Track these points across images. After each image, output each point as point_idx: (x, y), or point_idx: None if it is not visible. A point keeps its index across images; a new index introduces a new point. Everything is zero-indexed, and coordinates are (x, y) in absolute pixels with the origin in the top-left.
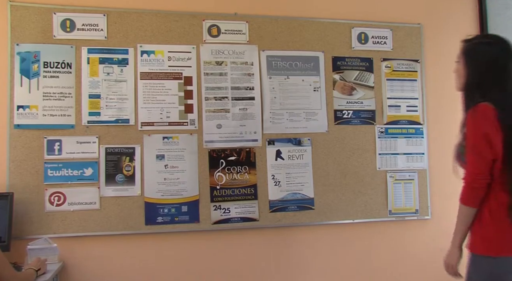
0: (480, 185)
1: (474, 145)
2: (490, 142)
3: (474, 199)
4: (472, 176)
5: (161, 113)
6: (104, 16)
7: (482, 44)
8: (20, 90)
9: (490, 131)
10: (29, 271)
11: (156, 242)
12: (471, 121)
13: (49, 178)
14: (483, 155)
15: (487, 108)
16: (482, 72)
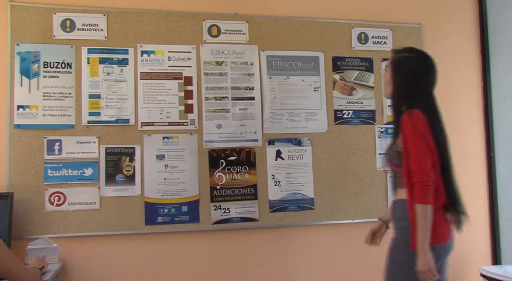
0: (431, 182)
1: (417, 146)
2: (428, 143)
3: (429, 197)
4: (423, 175)
5: (161, 113)
6: (104, 16)
7: (406, 58)
8: (20, 90)
9: (426, 134)
10: (35, 270)
11: (156, 242)
12: (409, 125)
13: (49, 178)
14: (427, 154)
15: (420, 114)
16: (406, 83)
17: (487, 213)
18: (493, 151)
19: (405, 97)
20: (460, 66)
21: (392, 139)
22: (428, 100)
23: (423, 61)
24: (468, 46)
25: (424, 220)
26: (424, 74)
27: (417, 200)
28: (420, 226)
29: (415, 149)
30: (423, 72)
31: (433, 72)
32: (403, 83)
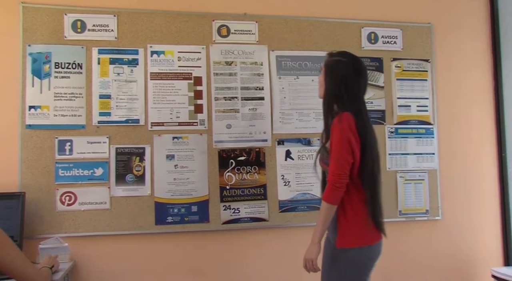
0: (341, 184)
1: (339, 150)
2: (352, 147)
3: (336, 198)
4: (336, 177)
5: (171, 113)
6: (114, 16)
7: (338, 62)
8: (31, 90)
9: (352, 137)
10: (45, 269)
11: (166, 242)
12: (338, 127)
13: (60, 178)
14: (346, 159)
15: (350, 116)
16: (338, 85)
17: (498, 214)
18: (505, 151)
19: (334, 99)
20: (471, 66)
21: (323, 139)
22: (357, 103)
23: (352, 65)
24: (479, 45)
25: (325, 217)
26: (353, 78)
27: (325, 198)
28: (320, 222)
29: (337, 152)
30: (351, 76)
31: (362, 76)
32: (333, 85)
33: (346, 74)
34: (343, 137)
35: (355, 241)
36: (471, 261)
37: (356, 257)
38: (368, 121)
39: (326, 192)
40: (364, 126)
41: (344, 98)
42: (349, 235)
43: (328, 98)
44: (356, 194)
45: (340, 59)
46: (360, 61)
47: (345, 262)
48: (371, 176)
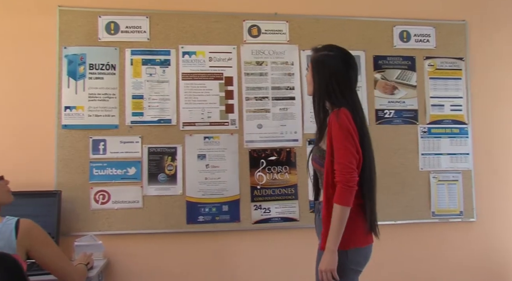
0: (353, 183)
1: (343, 145)
2: (355, 141)
3: (349, 198)
4: (346, 176)
5: (202, 113)
6: (146, 18)
7: (326, 56)
8: (67, 91)
9: (353, 132)
10: (81, 266)
11: (197, 241)
12: (336, 124)
13: (94, 177)
14: (353, 154)
15: (347, 111)
16: (327, 81)
17: None
18: None
19: (325, 95)
20: (507, 64)
21: (316, 139)
22: (350, 97)
23: (341, 58)
24: None
25: (339, 221)
26: (343, 71)
27: (337, 200)
28: (334, 227)
29: (341, 148)
30: (341, 69)
31: (352, 69)
32: (323, 81)
33: (336, 68)
34: (345, 132)
35: (341, 244)
36: (507, 263)
37: (339, 261)
38: (364, 117)
39: (337, 194)
40: (360, 122)
41: (336, 93)
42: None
43: (319, 95)
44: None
45: (327, 53)
46: (348, 53)
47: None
48: (368, 176)
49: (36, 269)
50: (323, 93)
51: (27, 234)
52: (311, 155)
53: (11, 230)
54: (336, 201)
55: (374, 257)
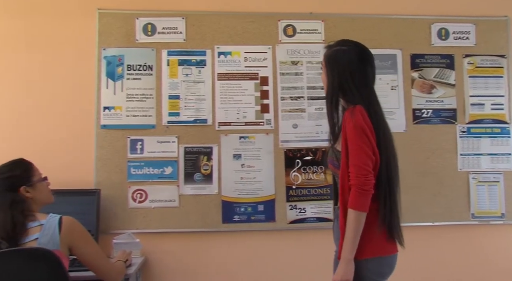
0: (369, 187)
1: (358, 146)
2: (370, 141)
3: (365, 203)
4: (361, 179)
5: (237, 113)
6: (183, 19)
7: (338, 51)
8: (106, 92)
9: (368, 131)
10: (120, 263)
11: (233, 240)
12: (351, 123)
13: (132, 176)
14: (369, 156)
15: (363, 109)
16: (341, 77)
17: None
18: None
19: (339, 92)
20: None
21: (331, 140)
22: (366, 94)
23: (355, 52)
24: None
25: (354, 227)
26: (358, 66)
27: (352, 204)
28: (349, 234)
29: (356, 149)
30: (356, 64)
31: (369, 64)
32: (336, 77)
33: (350, 63)
34: (359, 132)
35: (360, 252)
36: None
37: (359, 271)
38: (382, 115)
39: (352, 198)
40: (377, 119)
41: (352, 90)
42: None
43: (332, 93)
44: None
45: (340, 48)
46: (364, 47)
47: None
48: (385, 178)
49: (78, 265)
50: (336, 90)
51: (69, 230)
52: (328, 156)
53: (55, 226)
54: (350, 206)
55: (409, 259)
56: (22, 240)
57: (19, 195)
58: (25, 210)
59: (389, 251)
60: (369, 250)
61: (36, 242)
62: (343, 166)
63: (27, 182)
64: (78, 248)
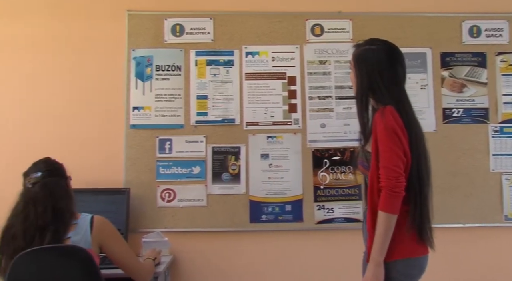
0: (400, 189)
1: (389, 147)
2: (401, 142)
3: (396, 205)
4: (392, 181)
5: (265, 113)
6: (210, 19)
7: (367, 51)
8: (135, 92)
9: (400, 132)
10: (149, 261)
11: (260, 240)
12: (381, 123)
13: (161, 175)
14: (400, 156)
15: (393, 110)
16: (370, 76)
17: None
18: None
19: (369, 92)
20: None
21: (361, 141)
22: (396, 93)
23: (384, 51)
24: None
25: (385, 229)
26: (387, 65)
27: (382, 207)
28: (379, 235)
29: (387, 151)
30: (385, 63)
31: (399, 63)
32: (365, 76)
33: (379, 62)
34: (391, 133)
35: (389, 254)
36: None
37: (388, 273)
38: (413, 114)
39: (382, 200)
40: (408, 119)
41: (381, 90)
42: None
43: (361, 93)
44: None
45: (368, 47)
46: (393, 46)
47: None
48: (416, 179)
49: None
50: (366, 90)
51: (100, 229)
52: (358, 157)
53: (87, 225)
54: (381, 208)
55: (439, 261)
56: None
57: (69, 184)
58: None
59: (418, 253)
60: (398, 252)
61: (70, 240)
62: (372, 167)
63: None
64: (108, 247)
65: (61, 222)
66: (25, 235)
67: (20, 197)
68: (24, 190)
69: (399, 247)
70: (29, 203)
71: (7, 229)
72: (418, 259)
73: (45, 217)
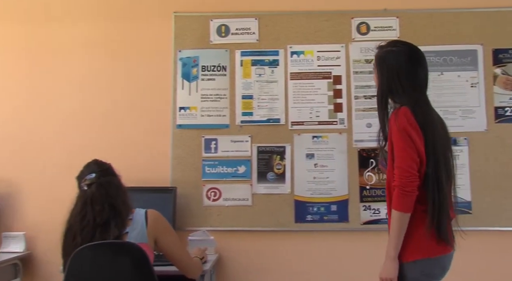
0: (412, 188)
1: (402, 148)
2: (415, 144)
3: (408, 204)
4: (403, 180)
5: (310, 112)
6: (256, 20)
7: (388, 52)
8: (181, 92)
9: (414, 133)
10: (197, 260)
11: (305, 240)
12: (395, 125)
13: (207, 174)
14: (412, 157)
15: (407, 110)
16: (389, 78)
17: None
18: None
19: (389, 94)
20: None
21: (381, 140)
22: (413, 95)
23: (405, 53)
24: None
25: (398, 227)
26: (407, 67)
27: (395, 205)
28: (393, 233)
29: (400, 151)
30: (405, 66)
31: (419, 65)
32: (385, 78)
33: (398, 64)
34: (403, 135)
35: (409, 254)
36: None
37: (408, 273)
38: (430, 114)
39: (395, 199)
40: (424, 119)
41: (399, 91)
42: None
43: (381, 94)
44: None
45: (390, 49)
46: (415, 48)
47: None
48: (433, 178)
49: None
50: (385, 91)
51: (154, 223)
52: (379, 157)
53: (143, 220)
54: (394, 207)
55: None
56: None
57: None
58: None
59: (439, 252)
60: (418, 252)
61: (127, 236)
62: (389, 168)
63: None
64: (162, 241)
65: (119, 218)
66: (82, 233)
67: (77, 199)
68: (80, 192)
69: (418, 247)
70: (86, 204)
71: (68, 231)
72: (438, 258)
73: (103, 215)
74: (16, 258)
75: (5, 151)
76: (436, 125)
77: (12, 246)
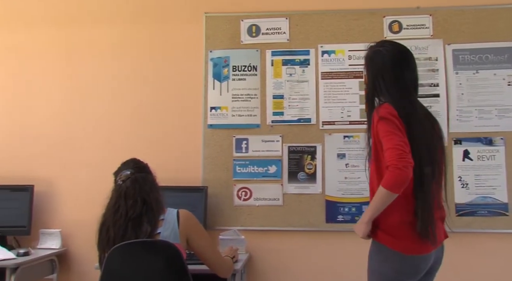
0: (405, 164)
1: (389, 132)
2: (400, 129)
3: (399, 183)
4: (395, 158)
5: (341, 112)
6: (286, 19)
7: (375, 52)
8: (212, 92)
9: (396, 121)
10: (228, 259)
11: (336, 240)
12: (376, 116)
13: (237, 174)
14: (400, 137)
15: (389, 106)
16: (375, 77)
17: None
18: None
19: (373, 92)
20: None
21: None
22: (396, 95)
23: (391, 54)
24: None
25: (379, 203)
26: (392, 67)
27: (384, 183)
28: (373, 204)
29: (386, 135)
30: (390, 66)
31: (404, 64)
32: (371, 77)
33: (383, 64)
34: (386, 121)
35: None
36: None
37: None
38: (414, 110)
39: (386, 177)
40: (406, 114)
41: (382, 91)
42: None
43: (368, 93)
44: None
45: (377, 49)
46: (403, 49)
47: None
48: (417, 174)
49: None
50: (371, 90)
51: (186, 222)
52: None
53: (175, 220)
54: (383, 184)
55: None
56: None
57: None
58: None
59: (414, 251)
60: (392, 243)
61: (160, 236)
62: (372, 168)
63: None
64: (194, 240)
65: (151, 214)
66: (115, 227)
67: (112, 193)
68: (115, 187)
69: (396, 241)
70: (120, 197)
71: (102, 225)
72: (412, 257)
73: (135, 208)
74: (53, 254)
75: (45, 151)
76: (420, 120)
77: (49, 243)
